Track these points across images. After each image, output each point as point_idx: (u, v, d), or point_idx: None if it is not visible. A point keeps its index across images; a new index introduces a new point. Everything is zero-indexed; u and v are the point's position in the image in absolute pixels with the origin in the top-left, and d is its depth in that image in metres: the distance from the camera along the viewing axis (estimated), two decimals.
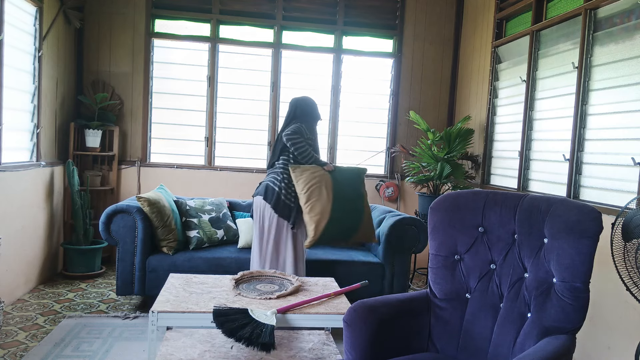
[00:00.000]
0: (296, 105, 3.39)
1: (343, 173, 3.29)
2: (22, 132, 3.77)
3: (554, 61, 3.56)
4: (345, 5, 4.98)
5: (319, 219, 3.04)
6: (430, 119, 5.03)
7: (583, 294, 1.73)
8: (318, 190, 3.10)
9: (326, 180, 3.16)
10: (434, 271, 2.12)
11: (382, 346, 1.91)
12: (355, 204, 3.20)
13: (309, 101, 3.43)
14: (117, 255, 3.45)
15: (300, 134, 3.21)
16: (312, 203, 3.08)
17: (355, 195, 3.23)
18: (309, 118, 3.37)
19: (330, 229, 3.06)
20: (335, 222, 3.08)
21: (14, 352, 2.78)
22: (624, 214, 2.13)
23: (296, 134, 3.21)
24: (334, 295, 2.51)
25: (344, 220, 3.13)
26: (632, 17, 2.85)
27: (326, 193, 3.10)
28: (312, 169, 3.19)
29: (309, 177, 3.14)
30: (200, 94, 4.87)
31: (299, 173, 3.16)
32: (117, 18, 4.69)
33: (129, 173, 4.78)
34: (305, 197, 3.10)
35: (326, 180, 3.16)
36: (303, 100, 3.42)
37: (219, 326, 2.11)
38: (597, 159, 3.05)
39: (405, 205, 5.16)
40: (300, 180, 3.14)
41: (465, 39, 5.02)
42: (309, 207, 3.08)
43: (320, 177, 3.15)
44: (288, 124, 3.33)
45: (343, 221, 3.12)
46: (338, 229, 3.11)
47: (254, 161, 4.97)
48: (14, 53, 3.54)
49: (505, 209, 1.99)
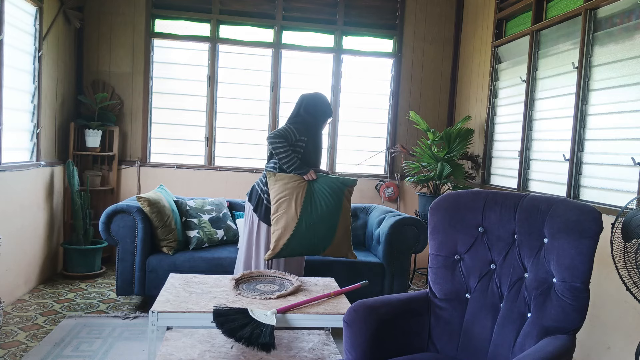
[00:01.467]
0: (301, 104, 3.22)
1: (324, 184, 3.06)
2: (22, 132, 3.77)
3: (554, 61, 3.56)
4: (345, 5, 4.98)
5: (280, 233, 2.94)
6: (430, 119, 5.03)
7: (583, 294, 1.73)
8: (286, 204, 2.97)
9: (298, 192, 3.00)
10: (434, 271, 2.12)
11: (382, 346, 1.91)
12: (329, 220, 3.01)
13: (317, 99, 3.24)
14: (117, 255, 3.45)
15: (283, 138, 3.05)
16: (278, 216, 2.97)
17: (331, 210, 3.01)
18: (313, 118, 3.20)
19: (292, 244, 2.95)
20: (300, 238, 2.95)
21: (14, 352, 2.78)
22: (624, 214, 2.13)
23: (278, 137, 3.04)
24: (334, 295, 2.51)
25: (311, 238, 2.98)
26: (632, 17, 2.85)
27: (294, 207, 2.96)
28: (287, 179, 3.03)
29: (281, 188, 3.01)
30: (200, 94, 4.87)
31: (273, 182, 3.05)
32: (117, 18, 4.69)
33: (129, 173, 4.78)
34: (273, 209, 3.01)
35: (298, 192, 3.00)
36: (311, 98, 3.24)
37: (219, 326, 2.11)
38: (597, 159, 3.05)
39: (405, 205, 5.16)
40: (273, 189, 3.04)
41: (465, 39, 5.02)
42: (275, 219, 2.98)
43: (292, 189, 3.01)
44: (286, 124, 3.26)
45: (309, 238, 2.97)
46: (302, 244, 2.97)
47: (254, 161, 4.97)
48: (14, 53, 3.54)
49: (505, 208, 1.99)
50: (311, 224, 2.96)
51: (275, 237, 2.96)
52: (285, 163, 3.06)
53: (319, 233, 2.99)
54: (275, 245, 2.95)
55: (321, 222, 2.99)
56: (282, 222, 2.95)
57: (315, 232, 2.98)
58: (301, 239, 2.95)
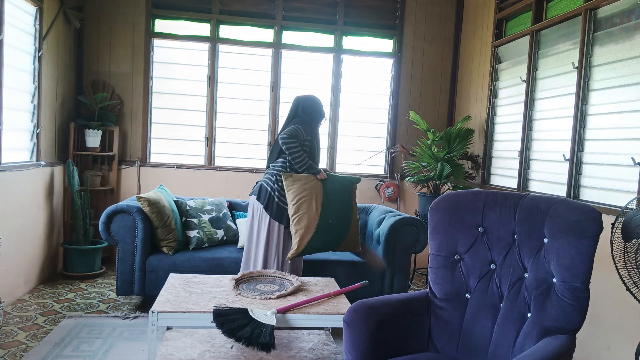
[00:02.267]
0: (298, 104, 3.34)
1: (335, 183, 3.23)
2: (22, 132, 3.77)
3: (554, 61, 3.56)
4: (345, 5, 4.98)
5: (304, 232, 3.02)
6: (430, 119, 5.03)
7: (583, 294, 1.73)
8: (307, 203, 3.06)
9: (317, 191, 3.12)
10: (434, 271, 2.12)
11: (382, 346, 1.91)
12: (343, 216, 3.16)
13: (312, 100, 3.37)
14: (117, 255, 3.45)
15: (295, 138, 3.15)
16: (300, 216, 3.04)
17: (344, 207, 3.19)
18: (310, 118, 3.31)
19: (315, 241, 3.05)
20: (321, 234, 3.06)
21: (14, 352, 2.78)
22: (624, 214, 2.13)
23: (292, 137, 3.14)
24: (334, 295, 2.51)
25: (331, 233, 3.11)
26: (632, 17, 2.85)
27: (315, 206, 3.07)
28: (304, 179, 3.13)
29: (300, 188, 3.10)
30: (200, 94, 4.87)
31: (290, 182, 3.12)
32: (117, 18, 4.69)
33: (129, 173, 4.78)
34: (293, 209, 3.07)
35: (317, 191, 3.12)
36: (306, 99, 3.36)
37: (219, 326, 2.11)
38: (597, 159, 3.05)
39: (405, 205, 5.16)
40: (291, 190, 3.10)
41: (465, 39, 5.02)
42: (297, 219, 3.05)
43: (311, 188, 3.11)
44: (288, 124, 3.30)
45: (329, 233, 3.10)
46: (322, 241, 3.09)
47: (254, 161, 4.97)
48: (14, 53, 3.54)
49: (505, 209, 1.99)
50: (330, 221, 3.08)
51: (298, 236, 3.02)
52: (298, 163, 3.15)
53: (335, 229, 3.12)
54: (299, 245, 3.02)
55: (338, 219, 3.12)
56: (304, 222, 3.03)
57: (334, 228, 3.11)
58: (323, 236, 3.06)
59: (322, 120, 3.40)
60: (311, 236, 3.03)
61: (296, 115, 3.31)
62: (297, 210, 3.06)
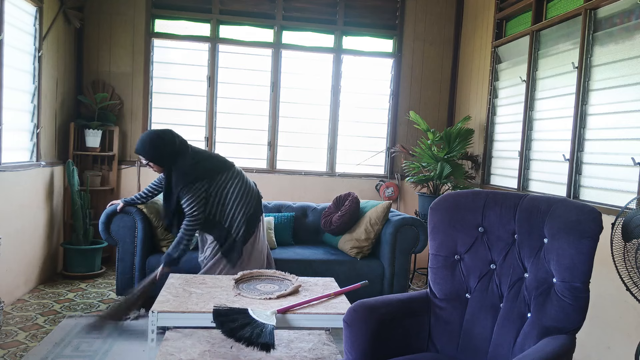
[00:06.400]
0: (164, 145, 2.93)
1: None
2: (22, 132, 3.77)
3: (554, 61, 3.56)
4: (345, 5, 4.98)
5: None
6: (430, 119, 5.03)
7: (583, 294, 1.73)
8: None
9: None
10: (434, 271, 2.12)
11: (382, 346, 1.91)
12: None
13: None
14: (117, 255, 3.45)
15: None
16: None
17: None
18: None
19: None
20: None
21: (14, 352, 2.78)
22: (624, 214, 2.13)
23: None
24: (334, 295, 2.51)
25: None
26: (632, 17, 2.85)
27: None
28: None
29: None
30: (200, 94, 4.87)
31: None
32: (117, 18, 4.68)
33: (129, 173, 4.78)
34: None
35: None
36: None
37: (219, 326, 2.11)
38: (597, 159, 3.05)
39: (405, 205, 5.15)
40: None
41: (465, 39, 5.02)
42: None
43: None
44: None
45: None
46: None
47: (254, 161, 4.97)
48: (14, 53, 3.54)
49: (505, 209, 1.99)
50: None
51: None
52: None
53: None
54: None
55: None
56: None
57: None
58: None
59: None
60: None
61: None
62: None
